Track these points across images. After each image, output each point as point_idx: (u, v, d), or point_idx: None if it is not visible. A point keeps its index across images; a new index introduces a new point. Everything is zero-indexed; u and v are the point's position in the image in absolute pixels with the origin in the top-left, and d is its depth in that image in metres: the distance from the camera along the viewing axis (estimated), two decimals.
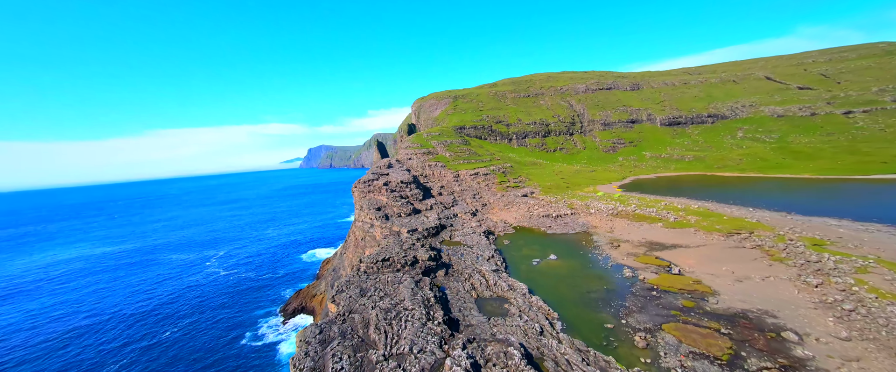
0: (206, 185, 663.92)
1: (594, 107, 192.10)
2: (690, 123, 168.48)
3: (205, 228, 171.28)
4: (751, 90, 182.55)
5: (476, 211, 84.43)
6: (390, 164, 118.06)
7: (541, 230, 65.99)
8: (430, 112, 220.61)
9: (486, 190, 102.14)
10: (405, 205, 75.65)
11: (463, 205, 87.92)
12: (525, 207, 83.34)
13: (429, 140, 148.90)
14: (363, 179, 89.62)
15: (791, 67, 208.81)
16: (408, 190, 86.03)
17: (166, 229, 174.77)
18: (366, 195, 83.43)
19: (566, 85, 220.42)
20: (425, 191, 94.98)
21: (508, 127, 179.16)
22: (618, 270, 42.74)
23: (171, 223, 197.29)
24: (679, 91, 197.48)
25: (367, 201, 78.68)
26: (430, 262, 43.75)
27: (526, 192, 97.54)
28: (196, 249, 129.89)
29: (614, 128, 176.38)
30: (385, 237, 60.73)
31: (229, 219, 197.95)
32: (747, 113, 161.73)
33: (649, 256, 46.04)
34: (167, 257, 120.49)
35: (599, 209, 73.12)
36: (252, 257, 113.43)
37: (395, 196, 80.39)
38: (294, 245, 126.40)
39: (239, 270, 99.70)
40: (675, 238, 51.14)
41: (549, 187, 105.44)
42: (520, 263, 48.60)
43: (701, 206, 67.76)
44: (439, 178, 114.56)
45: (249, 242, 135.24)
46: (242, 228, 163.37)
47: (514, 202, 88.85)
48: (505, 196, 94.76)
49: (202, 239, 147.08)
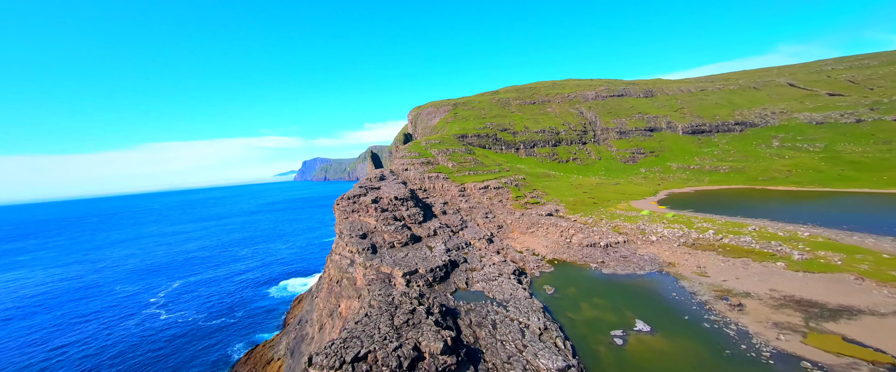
0: (193, 198, 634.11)
1: (607, 114, 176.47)
2: (716, 131, 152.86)
3: (168, 249, 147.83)
4: (776, 97, 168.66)
5: (492, 236, 65.13)
6: (383, 176, 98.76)
7: (590, 266, 46.88)
8: (429, 120, 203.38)
9: (499, 207, 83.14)
10: (400, 230, 56.17)
11: (475, 228, 68.61)
12: (556, 231, 64.28)
13: (428, 148, 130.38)
14: (348, 195, 70.09)
15: (811, 74, 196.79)
16: (404, 208, 66.66)
17: (123, 251, 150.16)
18: (348, 216, 63.74)
19: (573, 92, 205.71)
20: (426, 209, 75.55)
21: (515, 135, 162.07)
22: (787, 364, 23.59)
23: (133, 244, 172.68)
24: (697, 98, 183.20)
25: (350, 225, 59.02)
26: (445, 358, 23.43)
27: (549, 209, 78.63)
28: (147, 278, 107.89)
29: (631, 136, 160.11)
30: (369, 283, 41.00)
31: (201, 238, 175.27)
32: (779, 120, 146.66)
33: (819, 330, 26.99)
34: (109, 288, 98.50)
35: (662, 235, 54.33)
36: (211, 290, 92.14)
37: (386, 218, 60.85)
38: (266, 273, 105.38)
39: (188, 309, 78.30)
40: (829, 291, 32.27)
41: (574, 204, 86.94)
42: (590, 338, 29.21)
43: (812, 233, 49.04)
44: (442, 192, 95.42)
45: (214, 269, 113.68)
46: (212, 251, 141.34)
47: (539, 223, 69.84)
48: (525, 215, 75.72)
49: (160, 264, 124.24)
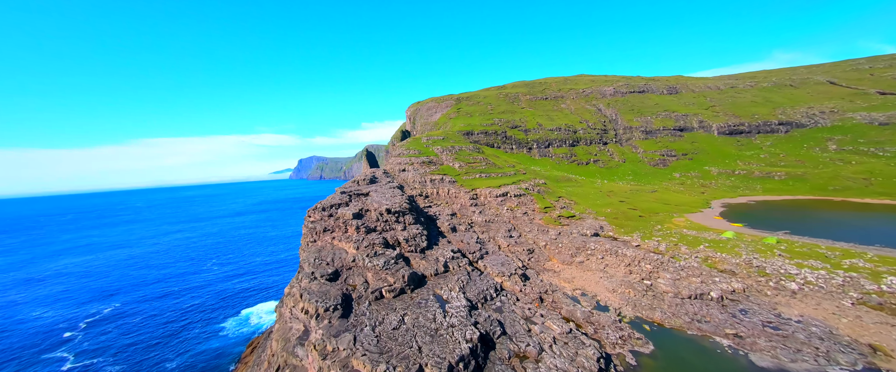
0: (181, 196, 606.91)
1: (629, 111, 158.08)
2: (756, 132, 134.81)
3: (121, 258, 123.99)
4: (819, 95, 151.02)
5: (526, 269, 45.56)
6: (373, 178, 78.82)
7: (716, 341, 27.75)
8: (429, 116, 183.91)
9: (525, 222, 63.67)
10: (392, 265, 36.33)
11: (498, 254, 48.98)
12: (618, 263, 44.86)
13: (429, 146, 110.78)
14: (323, 204, 50.28)
15: (850, 73, 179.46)
16: (398, 227, 46.74)
17: (67, 261, 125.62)
18: (318, 237, 43.74)
19: (589, 87, 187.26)
20: (429, 224, 55.65)
21: (526, 133, 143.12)
22: None
23: (86, 249, 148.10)
24: (729, 96, 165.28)
25: (317, 254, 38.98)
26: None
27: (591, 226, 59.33)
28: (77, 297, 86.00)
29: (659, 136, 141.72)
30: None
31: (169, 244, 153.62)
32: (831, 120, 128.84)
33: None
34: (23, 313, 77.30)
35: (806, 281, 35.13)
36: (151, 319, 71.48)
37: (373, 243, 40.87)
38: (230, 293, 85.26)
39: (106, 352, 57.77)
40: None
41: (616, 217, 67.96)
42: None
43: None
44: (448, 199, 75.81)
45: (167, 285, 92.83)
46: (175, 261, 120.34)
47: (587, 248, 50.42)
48: (563, 235, 56.31)
49: (102, 278, 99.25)
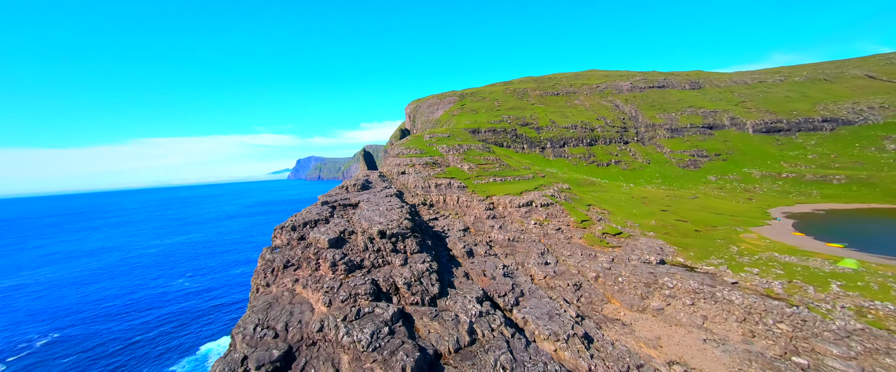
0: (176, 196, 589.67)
1: (649, 108, 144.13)
2: (797, 130, 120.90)
3: (76, 272, 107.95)
4: (860, 90, 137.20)
5: (582, 321, 31.29)
6: (367, 183, 64.35)
7: None
8: (430, 114, 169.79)
9: (560, 242, 49.34)
10: (387, 341, 21.81)
11: (538, 297, 34.39)
12: (728, 320, 30.59)
13: (433, 144, 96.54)
14: (294, 222, 35.84)
15: (886, 67, 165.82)
16: (397, 261, 32.13)
17: (27, 273, 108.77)
18: (274, 279, 29.24)
19: (603, 82, 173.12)
20: (436, 246, 41.22)
21: (539, 131, 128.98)
22: None
23: (49, 258, 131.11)
24: (759, 91, 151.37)
25: (258, 323, 24.54)
26: None
27: (649, 247, 45.08)
28: (6, 323, 71.89)
29: (686, 135, 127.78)
30: None
31: (143, 250, 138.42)
32: (882, 117, 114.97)
33: None
34: None
35: None
36: (89, 355, 57.61)
37: (355, 295, 26.36)
38: (194, 316, 70.84)
39: None
40: None
41: (667, 231, 53.89)
42: None
43: None
44: (458, 209, 61.43)
45: (124, 307, 77.50)
46: (140, 274, 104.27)
47: (661, 286, 36.16)
48: (617, 262, 42.07)
49: (44, 298, 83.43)
